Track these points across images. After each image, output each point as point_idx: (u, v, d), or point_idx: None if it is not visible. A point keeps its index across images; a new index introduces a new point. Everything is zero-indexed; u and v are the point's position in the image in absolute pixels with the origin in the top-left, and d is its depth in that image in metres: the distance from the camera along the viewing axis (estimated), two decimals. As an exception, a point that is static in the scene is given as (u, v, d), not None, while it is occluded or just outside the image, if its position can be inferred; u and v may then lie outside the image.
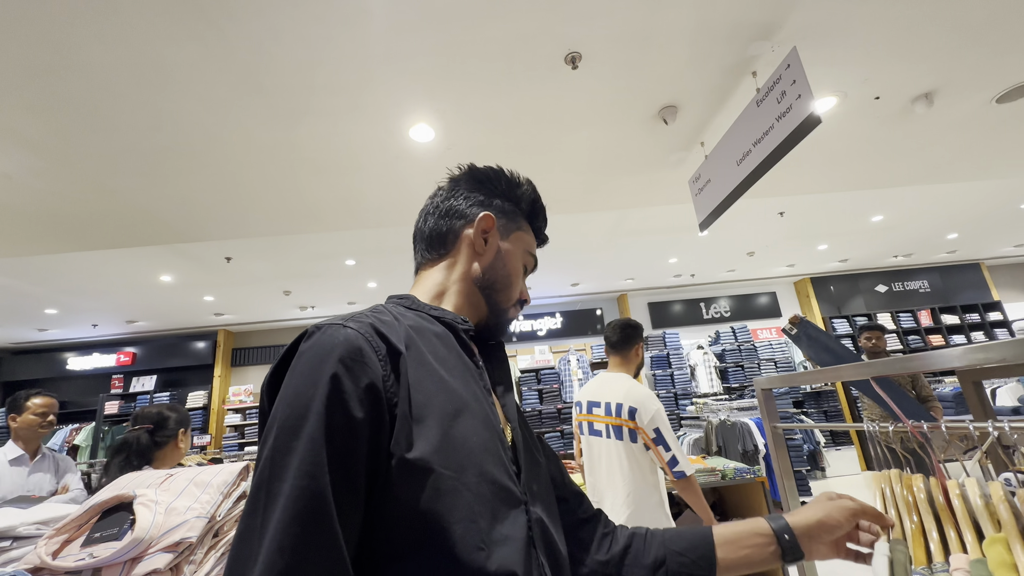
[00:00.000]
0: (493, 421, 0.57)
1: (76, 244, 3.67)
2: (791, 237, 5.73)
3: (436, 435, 0.49)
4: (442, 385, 0.53)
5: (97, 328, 7.36)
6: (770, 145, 2.20)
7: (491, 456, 0.53)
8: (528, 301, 0.76)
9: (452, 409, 0.52)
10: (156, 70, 2.02)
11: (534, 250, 0.78)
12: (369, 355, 0.48)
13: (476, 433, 0.53)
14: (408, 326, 0.57)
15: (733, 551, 0.65)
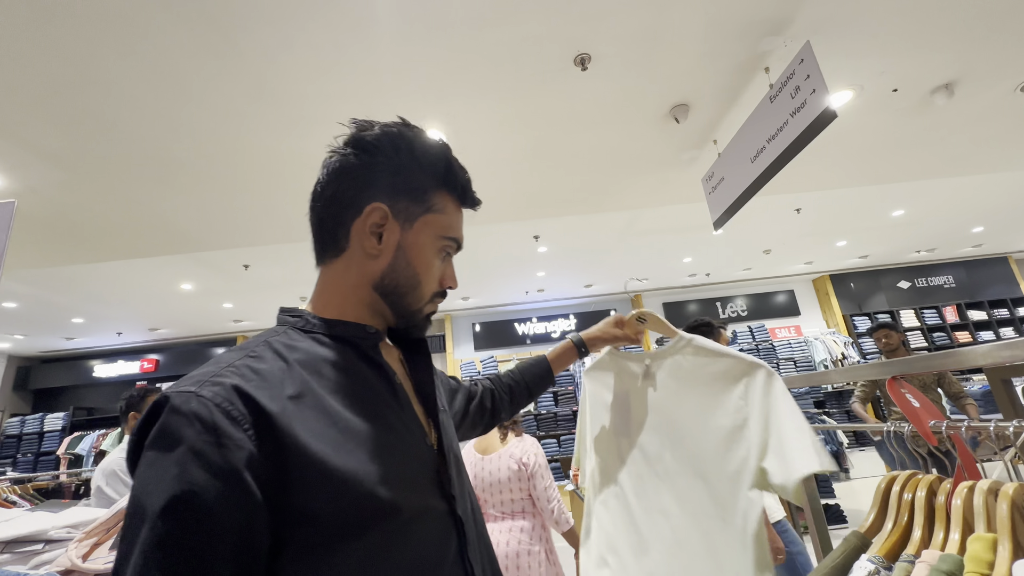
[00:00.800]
0: (414, 446, 0.56)
1: (100, 254, 3.78)
2: (808, 234, 5.63)
3: (335, 495, 0.46)
4: (343, 436, 0.49)
5: (121, 336, 7.56)
6: (785, 141, 2.16)
7: (414, 491, 0.53)
8: (453, 287, 0.66)
9: (359, 463, 0.48)
10: (172, 82, 2.07)
11: (455, 228, 0.64)
12: (227, 431, 0.42)
13: (395, 475, 0.51)
14: (298, 362, 0.52)
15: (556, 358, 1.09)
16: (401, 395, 0.59)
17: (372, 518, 0.48)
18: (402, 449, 0.54)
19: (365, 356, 0.58)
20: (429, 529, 0.53)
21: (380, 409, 0.55)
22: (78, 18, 1.72)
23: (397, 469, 0.52)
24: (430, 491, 0.55)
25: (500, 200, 3.51)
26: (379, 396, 0.56)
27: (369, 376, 0.57)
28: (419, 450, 0.57)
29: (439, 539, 0.54)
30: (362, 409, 0.53)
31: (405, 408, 0.59)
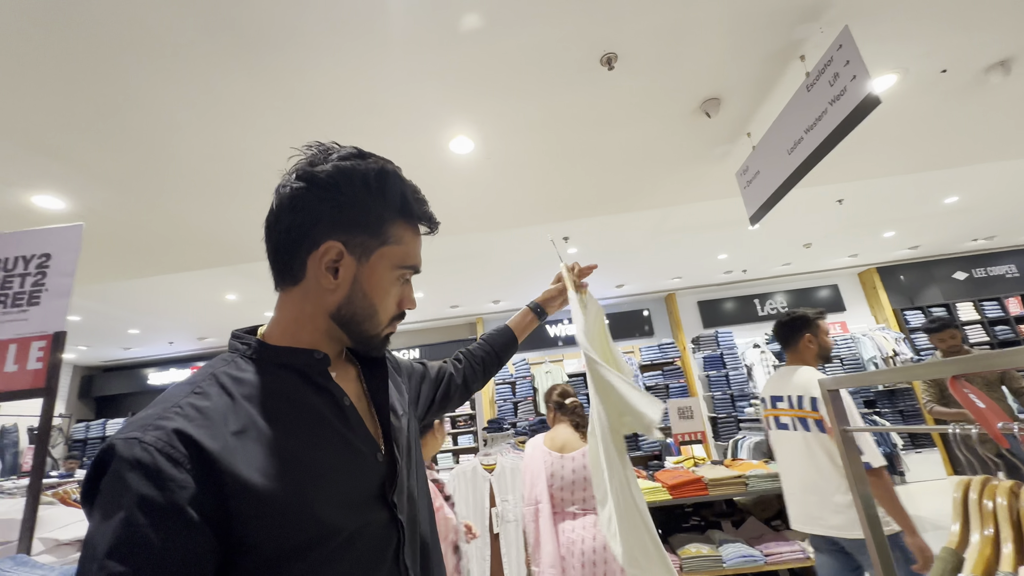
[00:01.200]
0: (361, 465, 0.58)
1: (151, 269, 4.01)
2: (852, 226, 5.37)
3: (275, 525, 0.49)
4: (283, 468, 0.51)
5: (173, 345, 7.98)
6: (824, 131, 2.08)
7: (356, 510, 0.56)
8: (412, 308, 0.69)
9: (299, 493, 0.51)
10: (212, 103, 2.18)
11: (412, 256, 0.66)
12: (168, 474, 0.45)
13: (337, 498, 0.54)
14: (243, 395, 0.54)
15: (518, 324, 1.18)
16: (351, 416, 0.61)
17: (313, 542, 0.51)
18: (347, 471, 0.57)
19: (312, 383, 0.60)
20: (369, 539, 0.56)
21: (325, 435, 0.57)
22: (128, 48, 1.84)
23: (340, 492, 0.55)
24: (373, 505, 0.58)
25: (529, 203, 3.52)
26: (324, 422, 0.58)
27: (315, 403, 0.59)
28: (366, 467, 0.59)
29: (378, 547, 0.57)
30: (306, 438, 0.55)
31: (355, 428, 0.61)
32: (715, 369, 6.77)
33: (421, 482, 0.71)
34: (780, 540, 2.76)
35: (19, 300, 0.91)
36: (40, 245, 0.96)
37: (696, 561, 2.69)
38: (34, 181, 2.59)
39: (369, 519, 0.57)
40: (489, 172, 2.95)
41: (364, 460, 0.59)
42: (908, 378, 0.92)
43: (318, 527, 0.51)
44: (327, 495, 0.53)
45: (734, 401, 6.57)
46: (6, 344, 0.88)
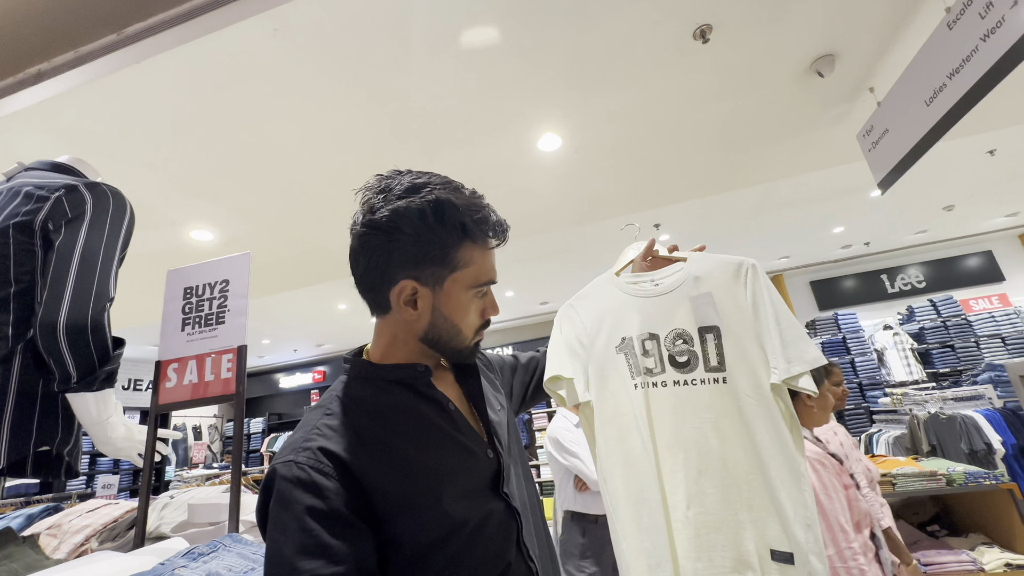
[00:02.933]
0: (475, 462, 0.65)
1: (281, 286, 4.55)
2: (1009, 178, 4.52)
3: (416, 523, 0.56)
4: (410, 473, 0.59)
5: (297, 352, 8.98)
6: (974, 74, 1.77)
7: (477, 502, 0.62)
8: (495, 314, 0.72)
9: (425, 493, 0.58)
10: (328, 135, 2.41)
11: (485, 274, 0.68)
12: (324, 485, 0.53)
13: (460, 495, 0.60)
14: (365, 412, 0.62)
15: None
16: (458, 419, 0.68)
17: (448, 534, 0.58)
18: (463, 470, 0.63)
19: (420, 393, 0.67)
20: (494, 528, 0.63)
21: (439, 439, 0.64)
22: (262, 98, 2.10)
23: (460, 488, 0.61)
24: (490, 497, 0.65)
25: (620, 194, 3.44)
26: (436, 427, 0.65)
27: (425, 411, 0.66)
28: (479, 464, 0.66)
29: (503, 533, 0.64)
30: (423, 443, 0.62)
31: (463, 429, 0.67)
32: (837, 355, 6.08)
33: (524, 471, 0.76)
34: (942, 548, 2.41)
35: (209, 320, 1.09)
36: (220, 273, 1.13)
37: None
38: (191, 219, 3.06)
39: (490, 509, 0.63)
40: (578, 166, 2.93)
41: (476, 458, 0.66)
42: None
43: (449, 521, 0.58)
44: (451, 492, 0.60)
45: (863, 390, 5.86)
46: (204, 358, 1.05)
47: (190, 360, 1.05)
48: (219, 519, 1.03)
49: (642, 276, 1.02)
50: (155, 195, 2.72)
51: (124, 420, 1.09)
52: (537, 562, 0.66)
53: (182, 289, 1.12)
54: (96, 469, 7.09)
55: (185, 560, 0.75)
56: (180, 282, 1.13)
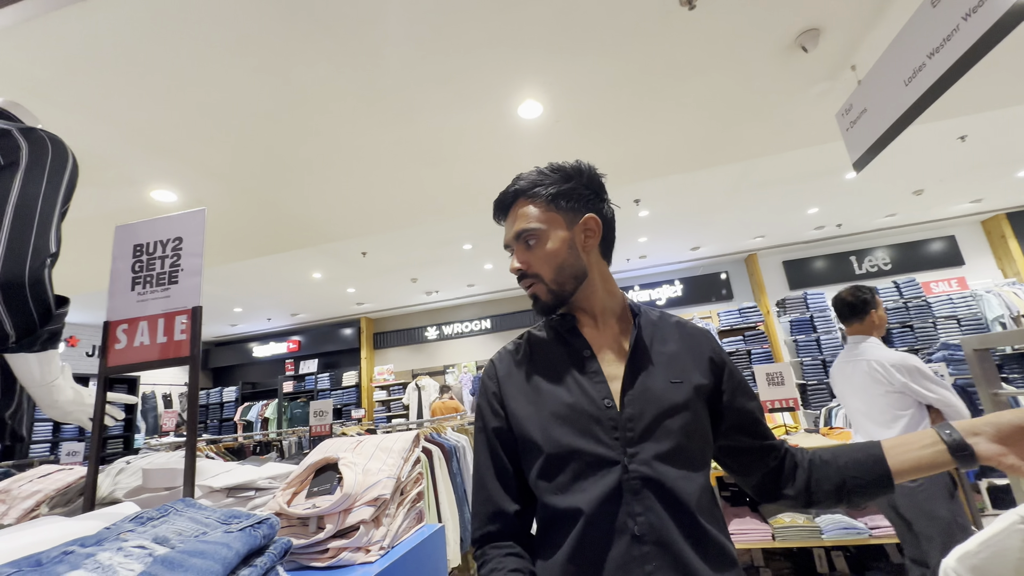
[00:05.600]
0: (583, 402, 0.75)
1: (250, 252, 4.40)
2: (976, 165, 4.65)
3: (519, 417, 0.79)
4: (527, 386, 0.81)
5: (271, 321, 8.81)
6: (954, 53, 1.77)
7: (571, 429, 0.74)
8: (513, 272, 0.87)
9: (531, 401, 0.79)
10: (299, 94, 2.28)
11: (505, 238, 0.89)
12: (491, 377, 0.87)
13: (553, 413, 0.76)
14: (528, 342, 0.88)
15: (902, 456, 0.72)
16: (588, 365, 0.80)
17: (539, 443, 0.75)
18: (569, 404, 0.76)
19: (561, 337, 0.85)
20: (590, 465, 0.72)
21: (560, 375, 0.80)
22: (226, 50, 1.96)
23: (562, 417, 0.75)
24: (600, 439, 0.73)
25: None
26: (563, 365, 0.81)
27: (560, 352, 0.83)
28: (594, 407, 0.75)
29: (597, 473, 0.71)
30: (547, 374, 0.81)
31: (589, 374, 0.79)
32: (804, 333, 6.30)
33: (687, 445, 0.74)
34: (888, 513, 2.56)
35: (161, 280, 1.03)
36: (172, 230, 1.06)
37: (791, 531, 2.58)
38: (152, 178, 2.90)
39: (591, 449, 0.72)
40: (558, 136, 2.87)
41: (590, 400, 0.76)
42: (1084, 334, 0.78)
43: (540, 433, 0.75)
44: (549, 414, 0.76)
45: (826, 367, 6.11)
46: (155, 319, 1.00)
47: (141, 321, 1.00)
48: (174, 484, 1.00)
49: None
50: (111, 149, 2.55)
51: (72, 383, 1.04)
52: (644, 528, 0.68)
53: (131, 247, 1.05)
54: (60, 436, 6.91)
55: (133, 524, 0.72)
56: (129, 239, 1.06)
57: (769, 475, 0.81)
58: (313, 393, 8.60)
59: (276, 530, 0.73)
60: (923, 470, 0.70)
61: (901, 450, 0.72)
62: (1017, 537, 0.63)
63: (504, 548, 0.76)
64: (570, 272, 0.82)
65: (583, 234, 0.83)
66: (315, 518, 0.85)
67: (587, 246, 0.84)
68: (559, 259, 0.81)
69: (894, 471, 0.71)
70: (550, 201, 0.82)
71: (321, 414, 4.18)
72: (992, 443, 0.66)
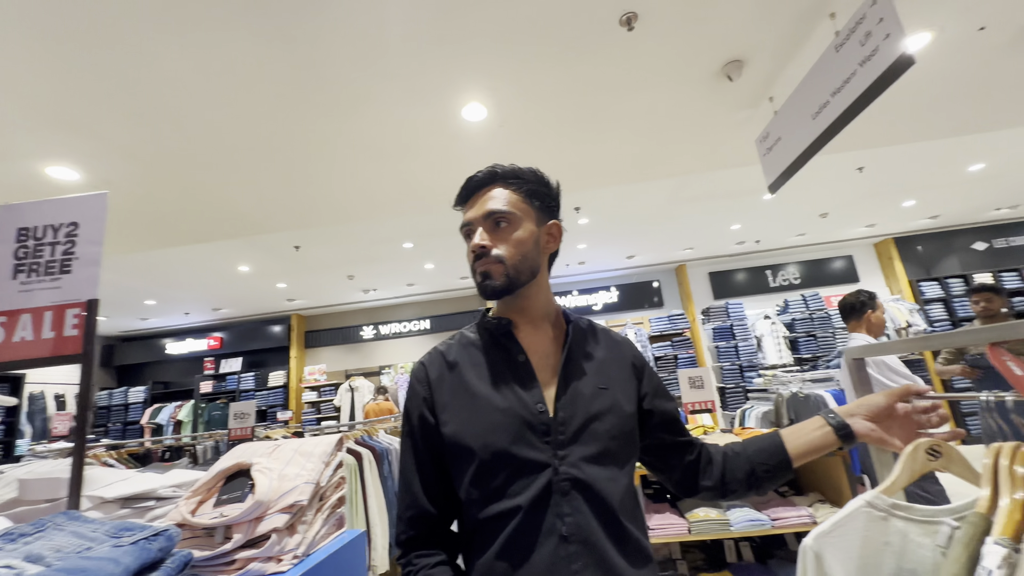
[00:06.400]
0: (516, 407, 0.77)
1: (167, 240, 4.04)
2: (871, 195, 5.24)
3: (450, 423, 0.78)
4: (460, 390, 0.80)
5: (189, 316, 8.13)
6: (852, 94, 2.00)
7: (504, 434, 0.74)
8: (473, 248, 0.83)
9: (465, 406, 0.78)
10: (228, 73, 2.14)
11: (464, 216, 0.87)
12: (420, 381, 0.84)
13: (486, 419, 0.76)
14: (462, 345, 0.86)
15: (797, 441, 0.82)
16: (522, 369, 0.81)
17: (468, 446, 0.75)
18: (503, 408, 0.77)
19: (496, 340, 0.85)
20: (521, 467, 0.73)
21: (495, 380, 0.80)
22: (143, 17, 1.80)
23: (493, 420, 0.76)
24: (532, 443, 0.74)
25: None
26: (495, 369, 0.81)
27: (495, 356, 0.83)
28: (526, 410, 0.76)
29: (527, 476, 0.73)
30: (480, 377, 0.81)
31: (523, 379, 0.80)
32: (724, 340, 6.78)
33: (609, 454, 0.77)
34: (787, 505, 2.81)
35: (51, 268, 0.93)
36: (67, 214, 0.96)
37: (704, 524, 2.76)
38: (49, 152, 2.58)
39: (524, 454, 0.74)
40: (502, 140, 2.89)
41: (523, 405, 0.77)
42: (925, 348, 0.91)
43: (476, 444, 0.74)
44: (483, 420, 0.76)
45: (743, 371, 6.60)
46: (41, 312, 0.90)
47: (23, 314, 0.89)
48: (57, 495, 0.90)
49: None
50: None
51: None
52: (572, 528, 0.71)
53: (15, 230, 0.94)
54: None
55: (2, 542, 0.64)
56: (13, 221, 0.94)
57: (688, 469, 0.87)
58: (235, 394, 8.04)
59: (175, 542, 0.68)
60: (816, 451, 0.81)
61: (796, 436, 0.82)
62: (862, 517, 0.73)
63: (433, 557, 0.76)
64: (529, 265, 0.83)
65: (547, 236, 0.87)
66: (222, 528, 0.80)
67: (546, 249, 0.87)
68: (525, 248, 0.82)
69: (792, 455, 0.81)
70: (528, 195, 0.85)
71: (242, 416, 3.92)
72: (865, 421, 0.80)
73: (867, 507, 0.74)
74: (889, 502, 0.73)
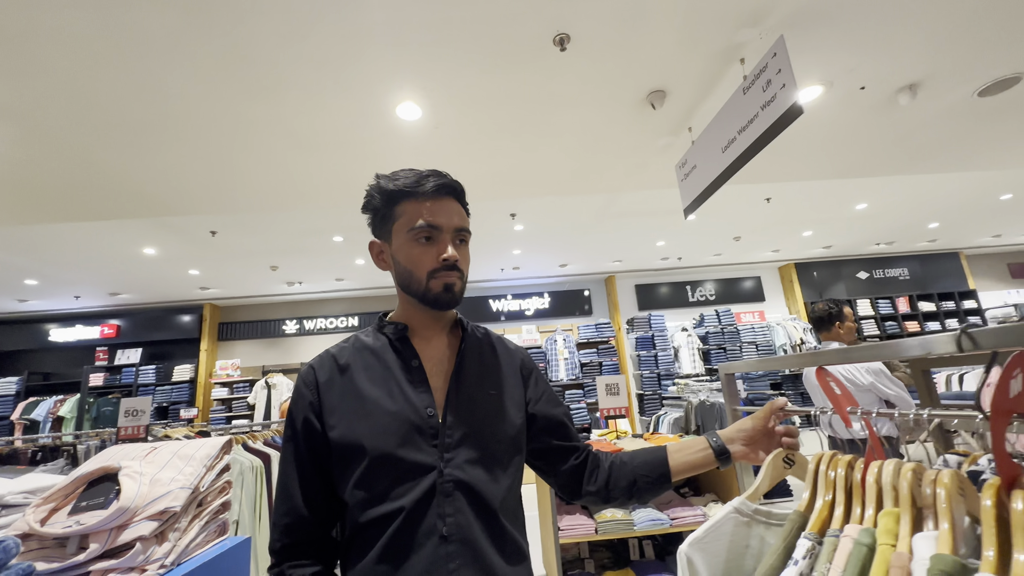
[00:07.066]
0: (406, 410, 0.78)
1: (56, 215, 3.60)
2: (777, 223, 5.80)
3: (338, 426, 0.78)
4: (349, 393, 0.80)
5: (80, 300, 7.27)
6: (754, 133, 2.22)
7: (392, 437, 0.76)
8: (448, 259, 0.82)
9: (353, 409, 0.79)
10: (136, 38, 1.96)
11: (418, 217, 0.82)
12: (308, 385, 0.82)
13: (375, 421, 0.77)
14: (355, 347, 0.86)
15: (680, 458, 0.89)
16: (415, 374, 0.83)
17: (357, 454, 0.76)
18: (391, 412, 0.78)
19: (392, 345, 0.86)
20: (408, 471, 0.75)
21: (386, 382, 0.82)
22: (26, -38, 1.61)
23: (383, 424, 0.77)
24: (419, 446, 0.76)
25: (477, 177, 3.49)
26: (390, 373, 0.82)
27: (390, 360, 0.84)
28: (413, 414, 0.78)
29: (414, 479, 0.75)
30: (372, 381, 0.81)
31: (416, 384, 0.82)
32: (646, 349, 7.17)
33: (493, 458, 0.81)
34: (685, 506, 3.04)
35: None
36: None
37: (611, 524, 2.91)
38: (-98, 103, 2.23)
39: (411, 457, 0.75)
40: (437, 142, 2.89)
41: (413, 409, 0.78)
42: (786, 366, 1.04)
43: (360, 445, 0.75)
44: (371, 422, 0.77)
45: (660, 380, 7.02)
46: None
47: None
48: None
49: None
50: None
51: None
52: (452, 528, 0.74)
53: None
54: None
55: None
56: None
57: (572, 473, 0.91)
58: (132, 388, 7.29)
59: (12, 554, 0.62)
60: (696, 469, 0.90)
61: (681, 454, 0.90)
62: (730, 522, 0.82)
63: (307, 568, 0.76)
64: None
65: None
66: (76, 537, 0.74)
67: None
68: (469, 265, 0.89)
69: (673, 470, 0.89)
70: (467, 215, 0.89)
71: (135, 413, 3.57)
72: (743, 446, 0.90)
73: (734, 512, 0.82)
74: (752, 507, 0.83)
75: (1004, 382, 0.52)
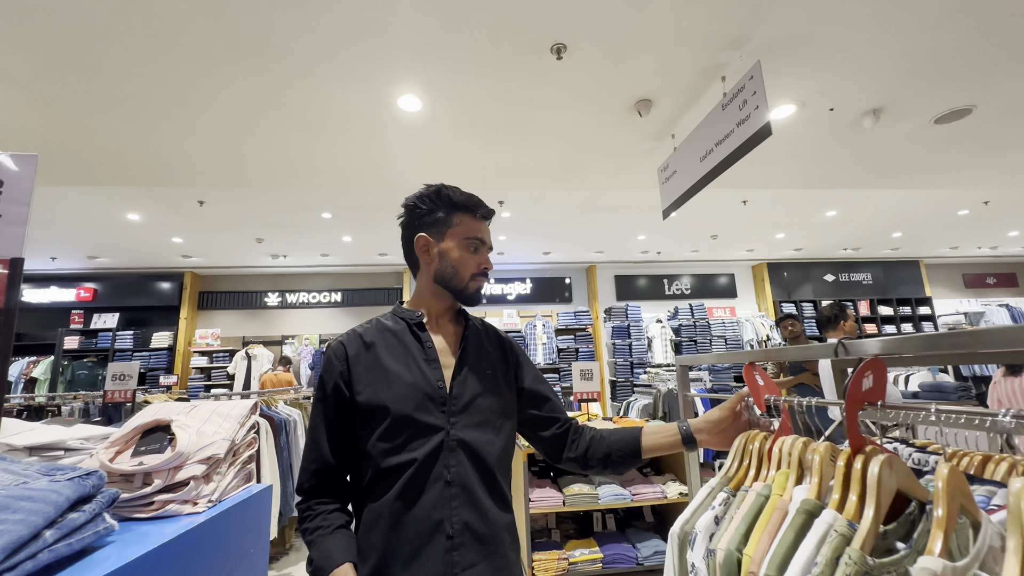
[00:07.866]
0: (421, 382, 0.95)
1: (46, 179, 3.60)
2: (752, 224, 6.09)
3: (365, 392, 0.94)
4: (375, 366, 0.96)
5: (56, 261, 7.15)
6: (729, 147, 2.42)
7: (410, 403, 0.93)
8: (489, 268, 1.04)
9: (378, 379, 0.95)
10: (148, 19, 2.03)
11: (474, 232, 1.03)
12: (339, 358, 0.98)
13: (396, 390, 0.94)
14: (377, 328, 1.02)
15: (652, 440, 1.04)
16: (430, 355, 1.00)
17: (381, 415, 0.92)
18: (410, 383, 0.96)
19: (411, 329, 1.03)
20: (420, 429, 0.92)
21: (407, 360, 0.99)
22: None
23: (402, 393, 0.94)
24: (431, 410, 0.94)
25: (470, 167, 3.62)
26: (409, 353, 1.00)
27: (410, 342, 1.01)
28: (427, 387, 0.96)
29: (425, 437, 0.92)
30: (395, 358, 0.98)
31: (430, 363, 0.99)
32: (621, 338, 7.46)
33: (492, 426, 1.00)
34: (646, 483, 3.32)
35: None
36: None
37: (577, 497, 3.17)
38: (-97, 61, 2.24)
39: (424, 419, 0.92)
40: (434, 133, 3.01)
41: (427, 381, 0.96)
42: (734, 361, 1.25)
43: (381, 407, 0.92)
44: (394, 390, 0.93)
45: (633, 368, 7.34)
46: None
47: (-69, 263, 0.89)
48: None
49: None
50: None
51: None
52: (454, 476, 0.91)
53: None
54: None
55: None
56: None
57: (555, 440, 1.08)
58: (108, 353, 7.26)
59: (105, 481, 0.78)
60: (665, 450, 1.05)
61: (652, 436, 1.04)
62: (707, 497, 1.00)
63: (330, 504, 0.93)
64: None
65: None
66: (141, 474, 0.90)
67: None
68: None
69: (644, 449, 1.03)
70: None
71: (123, 378, 3.65)
72: (709, 435, 1.03)
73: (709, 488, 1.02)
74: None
75: (858, 379, 0.72)
